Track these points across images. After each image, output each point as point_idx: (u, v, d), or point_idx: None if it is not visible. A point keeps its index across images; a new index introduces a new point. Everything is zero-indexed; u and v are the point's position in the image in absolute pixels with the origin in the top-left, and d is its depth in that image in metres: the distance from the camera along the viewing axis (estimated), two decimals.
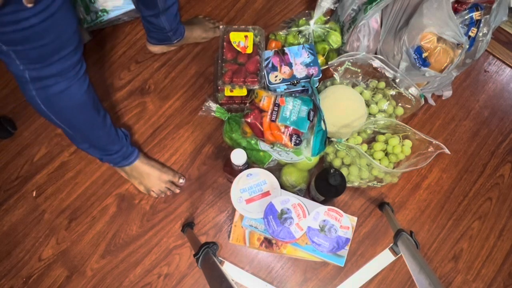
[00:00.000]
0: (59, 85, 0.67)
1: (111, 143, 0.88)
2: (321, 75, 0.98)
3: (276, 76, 0.97)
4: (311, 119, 0.90)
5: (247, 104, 0.94)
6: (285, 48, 1.00)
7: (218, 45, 1.05)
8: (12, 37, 0.56)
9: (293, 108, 0.90)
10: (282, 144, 0.91)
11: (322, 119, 0.88)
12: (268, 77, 0.97)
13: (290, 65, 0.98)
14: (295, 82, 0.97)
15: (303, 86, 1.01)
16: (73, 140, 0.90)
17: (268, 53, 1.00)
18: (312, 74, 0.97)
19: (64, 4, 0.58)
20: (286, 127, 0.89)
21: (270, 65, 0.98)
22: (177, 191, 1.02)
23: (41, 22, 0.55)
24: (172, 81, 1.13)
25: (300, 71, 0.97)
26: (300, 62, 0.98)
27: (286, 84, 0.97)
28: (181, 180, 1.02)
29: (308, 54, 0.99)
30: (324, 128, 0.89)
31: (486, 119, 1.12)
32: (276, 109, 0.90)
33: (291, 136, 0.89)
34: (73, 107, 0.73)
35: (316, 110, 0.91)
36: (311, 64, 0.98)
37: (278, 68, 0.98)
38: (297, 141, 0.89)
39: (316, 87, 1.03)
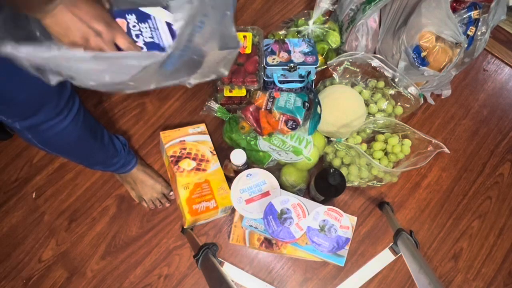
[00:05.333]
0: (53, 128, 0.64)
1: (110, 158, 0.87)
2: (319, 63, 0.96)
3: (273, 59, 0.95)
4: (306, 108, 0.90)
5: (244, 103, 0.94)
6: (285, 39, 1.00)
7: None
8: None
9: (288, 99, 0.90)
10: (278, 131, 0.91)
11: (318, 104, 0.89)
12: (265, 59, 0.95)
13: (288, 52, 0.97)
14: (292, 66, 0.94)
15: (301, 76, 0.98)
16: (71, 160, 0.89)
17: (268, 41, 0.99)
18: (311, 61, 0.96)
19: None
20: (281, 114, 0.89)
21: (269, 49, 0.97)
22: (167, 204, 1.01)
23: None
24: None
25: (298, 57, 0.96)
26: (299, 51, 0.98)
27: (283, 69, 0.95)
28: (171, 193, 1.02)
29: (307, 46, 0.98)
30: (319, 112, 0.91)
31: (485, 118, 1.12)
32: (271, 101, 0.90)
33: (286, 121, 0.89)
34: (70, 143, 0.71)
35: (311, 103, 0.91)
36: (310, 54, 0.97)
37: (277, 53, 0.97)
38: (293, 126, 0.89)
39: (315, 86, 1.03)
